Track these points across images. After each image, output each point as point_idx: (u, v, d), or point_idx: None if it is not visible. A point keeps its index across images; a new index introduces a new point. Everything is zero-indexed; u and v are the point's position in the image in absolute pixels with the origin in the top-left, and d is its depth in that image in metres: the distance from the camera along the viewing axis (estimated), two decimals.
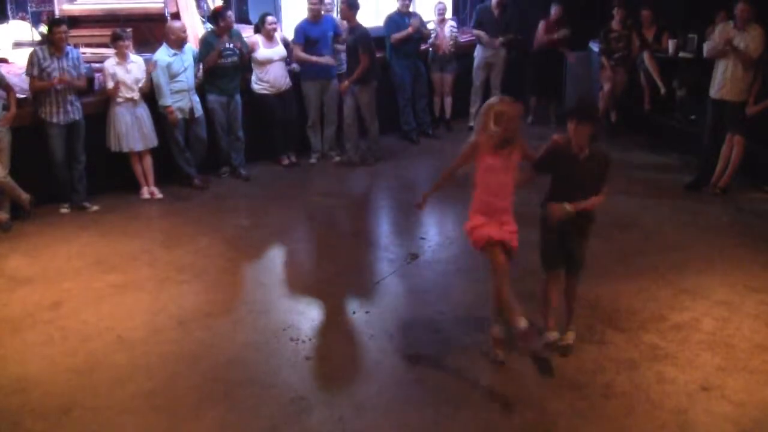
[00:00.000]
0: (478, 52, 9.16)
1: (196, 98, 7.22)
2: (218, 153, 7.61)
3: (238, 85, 7.50)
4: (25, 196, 6.34)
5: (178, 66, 6.97)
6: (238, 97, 7.50)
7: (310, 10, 7.75)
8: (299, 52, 7.76)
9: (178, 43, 7.00)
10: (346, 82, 7.69)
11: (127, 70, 6.74)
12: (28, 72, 6.40)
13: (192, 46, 7.36)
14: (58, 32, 6.39)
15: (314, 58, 7.72)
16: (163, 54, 6.94)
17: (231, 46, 7.28)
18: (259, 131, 7.79)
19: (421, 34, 8.63)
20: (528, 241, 4.30)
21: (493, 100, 4.11)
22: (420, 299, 5.04)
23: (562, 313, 4.39)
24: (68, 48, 6.56)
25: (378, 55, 8.74)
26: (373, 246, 6.05)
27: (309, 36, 7.74)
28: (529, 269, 4.72)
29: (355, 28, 7.60)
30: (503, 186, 4.05)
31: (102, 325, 4.73)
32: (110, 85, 6.71)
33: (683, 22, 8.31)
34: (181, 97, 7.05)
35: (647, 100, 8.55)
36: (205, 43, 7.31)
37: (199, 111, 7.23)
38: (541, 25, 9.13)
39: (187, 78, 7.07)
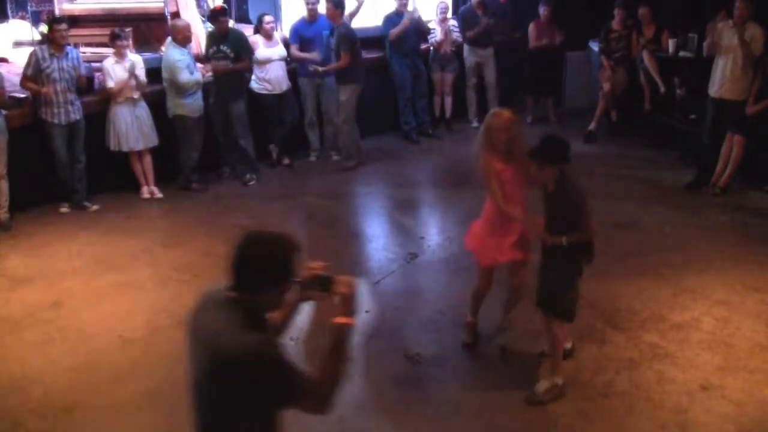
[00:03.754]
0: (467, 55, 9.15)
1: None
2: (219, 153, 7.61)
3: (234, 90, 7.26)
4: (4, 216, 6.30)
5: (191, 65, 6.96)
6: (239, 104, 7.26)
7: (307, 10, 7.76)
8: (294, 51, 7.79)
9: (185, 42, 6.98)
10: (320, 69, 7.57)
11: (126, 68, 6.74)
12: (24, 71, 6.40)
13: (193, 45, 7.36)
14: (58, 30, 6.39)
15: (304, 55, 7.72)
16: (176, 53, 6.88)
17: (224, 48, 7.16)
18: (259, 131, 7.78)
19: (419, 30, 8.62)
20: None
21: (489, 114, 4.14)
22: (420, 299, 5.05)
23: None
24: (68, 48, 6.56)
25: (378, 55, 8.77)
26: (373, 246, 6.05)
27: (303, 36, 7.76)
28: None
29: (339, 27, 7.51)
30: (513, 195, 4.05)
31: (102, 325, 4.73)
32: (110, 84, 6.71)
33: (683, 22, 8.30)
34: (196, 97, 7.04)
35: (647, 100, 8.54)
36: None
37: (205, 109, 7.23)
38: (532, 26, 9.13)
39: (197, 77, 7.04)
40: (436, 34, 8.80)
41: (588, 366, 4.17)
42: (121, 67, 6.73)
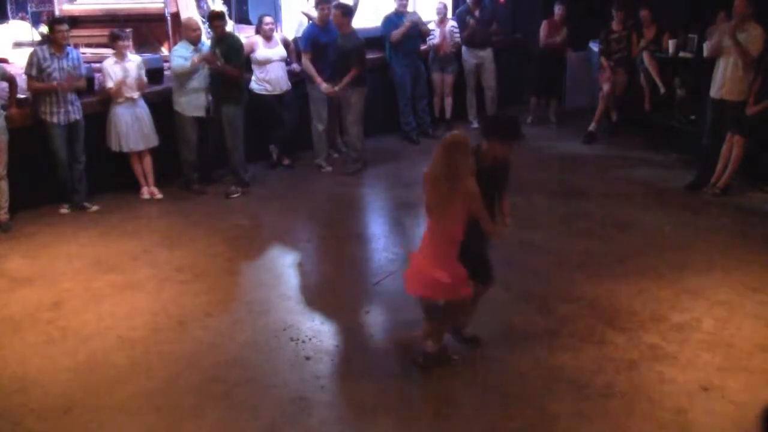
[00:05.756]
0: (466, 57, 9.15)
1: (209, 97, 7.21)
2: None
3: (226, 92, 7.03)
4: (4, 217, 6.31)
5: (191, 59, 6.95)
6: (230, 107, 7.03)
7: (320, 15, 7.61)
8: (307, 62, 7.57)
9: (192, 40, 6.98)
10: (336, 89, 7.49)
11: (126, 69, 6.74)
12: (27, 72, 6.40)
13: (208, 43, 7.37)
14: (60, 31, 6.39)
15: (318, 80, 7.49)
16: (181, 49, 6.97)
17: (217, 52, 6.99)
18: (259, 132, 7.78)
19: (419, 31, 8.64)
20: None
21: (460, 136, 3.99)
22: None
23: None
24: (68, 48, 6.56)
25: (378, 55, 8.78)
26: (374, 246, 6.05)
27: (318, 42, 7.57)
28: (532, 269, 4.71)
29: (349, 35, 7.45)
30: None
31: (102, 325, 4.73)
32: (110, 84, 6.72)
33: (683, 22, 8.31)
34: (197, 96, 7.04)
35: (647, 100, 8.55)
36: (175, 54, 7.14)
37: (210, 111, 7.22)
38: (544, 25, 9.11)
39: (203, 76, 7.03)
40: (435, 37, 8.81)
41: (588, 366, 4.17)
42: (121, 67, 6.73)
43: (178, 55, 6.94)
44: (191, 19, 7.32)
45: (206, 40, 7.33)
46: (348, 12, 7.48)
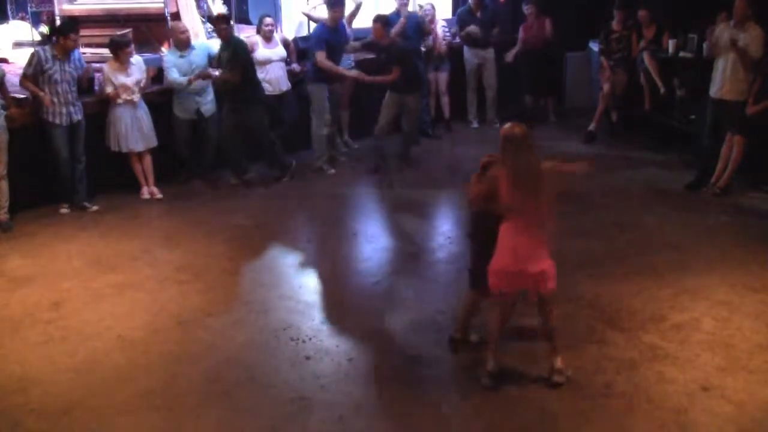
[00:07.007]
0: (468, 57, 9.16)
1: (209, 98, 7.23)
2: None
3: (245, 97, 7.12)
4: (4, 217, 6.30)
5: (186, 67, 6.98)
6: (252, 110, 7.17)
7: (332, 16, 7.56)
8: (324, 60, 7.43)
9: (180, 44, 7.01)
10: (366, 78, 7.63)
11: (128, 73, 6.75)
12: (24, 70, 6.39)
13: (209, 45, 7.37)
14: (74, 39, 6.42)
15: (341, 70, 7.57)
16: (170, 56, 7.06)
17: (222, 55, 7.06)
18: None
19: (419, 30, 8.64)
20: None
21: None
22: (420, 299, 5.04)
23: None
24: None
25: None
26: (373, 246, 6.04)
27: (331, 43, 7.52)
28: None
29: (390, 45, 7.45)
30: None
31: (102, 325, 4.73)
32: (110, 89, 6.72)
33: (683, 22, 8.31)
34: (189, 99, 7.07)
35: (647, 100, 8.55)
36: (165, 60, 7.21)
37: (209, 111, 7.23)
38: (521, 28, 9.15)
39: (180, 80, 7.02)
40: (429, 40, 8.82)
41: (588, 366, 4.17)
42: (123, 73, 6.73)
43: (170, 66, 7.00)
44: (178, 23, 7.36)
45: (206, 41, 7.34)
46: (388, 23, 7.49)
